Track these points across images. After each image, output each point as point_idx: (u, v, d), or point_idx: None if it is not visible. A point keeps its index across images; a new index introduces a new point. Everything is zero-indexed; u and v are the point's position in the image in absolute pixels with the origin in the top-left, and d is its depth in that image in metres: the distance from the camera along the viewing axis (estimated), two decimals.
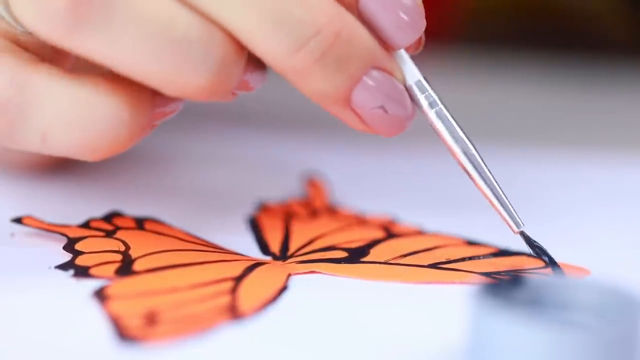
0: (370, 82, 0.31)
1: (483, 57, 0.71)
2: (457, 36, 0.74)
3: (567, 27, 0.76)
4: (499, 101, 0.60)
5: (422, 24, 0.32)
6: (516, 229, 0.33)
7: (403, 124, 0.32)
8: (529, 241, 0.34)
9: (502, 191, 0.33)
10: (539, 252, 0.34)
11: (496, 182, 0.33)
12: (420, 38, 0.33)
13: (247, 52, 0.31)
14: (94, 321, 0.29)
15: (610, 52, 0.72)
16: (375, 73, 0.31)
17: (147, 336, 0.28)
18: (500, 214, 0.33)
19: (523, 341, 0.25)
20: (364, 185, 0.43)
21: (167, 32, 0.29)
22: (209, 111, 0.51)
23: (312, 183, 0.42)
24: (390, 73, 0.32)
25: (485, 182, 0.33)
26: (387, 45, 0.32)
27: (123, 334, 0.28)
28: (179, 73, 0.29)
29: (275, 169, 0.45)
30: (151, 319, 0.29)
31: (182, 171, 0.43)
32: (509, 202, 0.33)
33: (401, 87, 0.32)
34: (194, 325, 0.29)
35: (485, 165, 0.33)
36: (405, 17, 0.31)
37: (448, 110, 0.33)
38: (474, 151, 0.33)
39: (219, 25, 0.30)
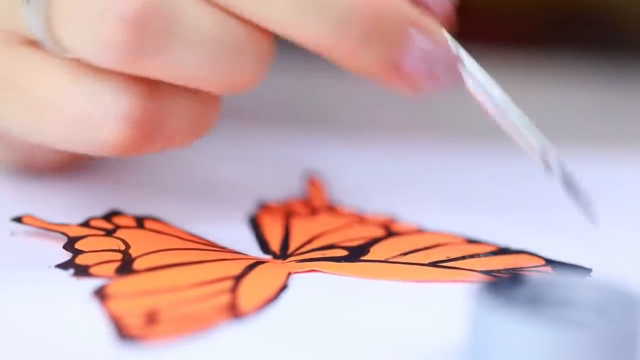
0: (416, 46, 0.32)
1: (509, 57, 0.71)
2: (471, 33, 0.74)
3: (590, 25, 0.76)
4: (512, 98, 0.60)
5: None
6: (543, 158, 0.33)
7: (452, 77, 0.32)
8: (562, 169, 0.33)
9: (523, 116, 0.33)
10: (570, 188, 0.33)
11: (515, 108, 0.34)
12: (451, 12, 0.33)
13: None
14: (94, 320, 0.29)
15: (632, 50, 0.71)
16: (418, 37, 0.32)
17: (147, 335, 0.28)
18: (525, 142, 0.33)
19: (523, 339, 0.25)
20: (363, 183, 0.43)
21: (220, 43, 0.30)
22: None
23: (312, 182, 0.42)
24: (431, 34, 0.32)
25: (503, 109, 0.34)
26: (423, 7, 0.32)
27: (123, 333, 0.28)
28: (233, 76, 0.31)
29: (275, 168, 0.45)
30: (151, 318, 0.29)
31: (182, 170, 0.43)
32: (533, 126, 0.33)
33: (443, 43, 0.32)
34: (194, 324, 0.29)
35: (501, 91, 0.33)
36: None
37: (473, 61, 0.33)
38: (485, 79, 0.33)
39: (259, 24, 0.30)
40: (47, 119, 0.31)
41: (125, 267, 0.32)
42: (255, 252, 0.35)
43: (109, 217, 0.36)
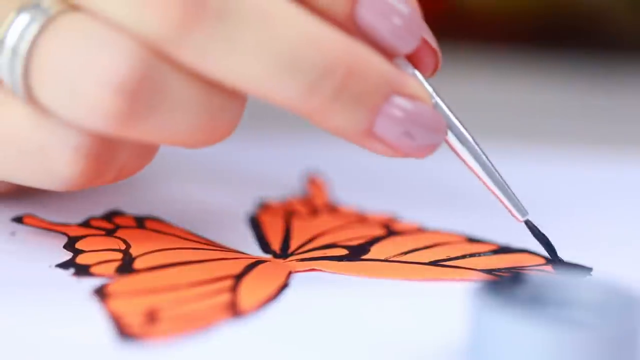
0: (392, 111, 0.31)
1: (494, 57, 0.71)
2: (468, 35, 0.74)
3: (579, 26, 0.77)
4: (506, 100, 0.60)
5: (419, 29, 0.31)
6: (521, 218, 0.33)
7: (433, 145, 0.32)
8: (533, 230, 0.34)
9: (504, 180, 0.33)
10: (543, 242, 0.34)
11: (497, 171, 0.33)
12: (437, 59, 0.32)
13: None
14: (95, 320, 0.29)
15: (620, 51, 0.72)
16: (397, 100, 0.31)
17: (148, 334, 0.28)
18: (503, 203, 0.33)
19: (523, 339, 0.25)
20: (364, 183, 0.43)
21: (200, 107, 0.30)
22: None
23: (313, 181, 0.42)
24: (412, 97, 0.31)
25: (486, 172, 0.33)
26: (389, 56, 0.31)
27: (124, 332, 0.28)
28: (210, 133, 0.31)
29: (275, 167, 0.45)
30: (152, 317, 0.29)
31: (183, 169, 0.43)
32: (511, 190, 0.33)
33: (426, 108, 0.31)
34: (194, 323, 0.29)
35: (486, 155, 0.33)
36: (401, 23, 0.31)
37: (444, 102, 0.32)
38: (472, 141, 0.33)
39: (234, 88, 0.30)
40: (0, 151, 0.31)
41: (126, 266, 0.32)
42: (256, 251, 0.35)
43: (109, 216, 0.36)
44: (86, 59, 0.29)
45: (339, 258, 0.34)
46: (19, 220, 0.35)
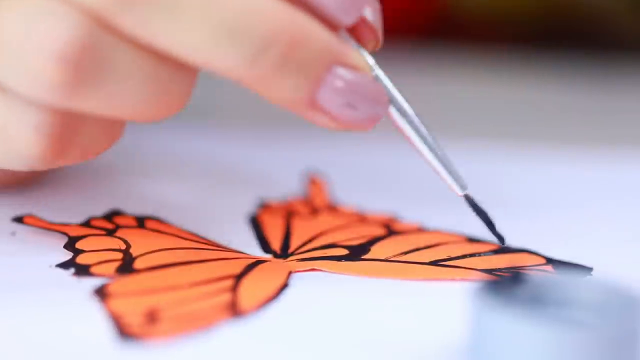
0: (334, 82, 0.31)
1: (495, 58, 0.71)
2: (466, 35, 0.74)
3: (579, 26, 0.77)
4: (506, 100, 0.60)
5: (364, 1, 0.32)
6: (460, 192, 0.33)
7: (374, 117, 0.32)
8: (473, 205, 0.34)
9: (445, 153, 0.33)
10: (483, 217, 0.34)
11: (438, 144, 0.33)
12: (378, 36, 0.32)
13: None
14: (95, 319, 0.29)
15: (620, 51, 0.72)
16: (339, 70, 0.31)
17: (148, 334, 0.28)
18: (443, 177, 0.33)
19: (523, 338, 0.25)
20: (364, 183, 0.43)
21: (147, 79, 0.30)
22: (209, 110, 0.51)
23: (313, 181, 0.42)
24: (354, 67, 0.31)
25: (427, 145, 0.33)
26: (333, 28, 0.31)
27: (124, 332, 0.28)
28: (158, 107, 0.31)
29: (275, 167, 0.45)
30: (152, 317, 0.29)
31: (183, 169, 0.43)
32: (452, 164, 0.33)
33: (368, 79, 0.31)
34: (194, 323, 0.29)
35: (427, 128, 0.33)
36: None
37: (384, 75, 0.32)
38: (412, 114, 0.33)
39: (179, 59, 0.30)
40: None
41: (126, 266, 0.32)
42: (256, 251, 0.35)
43: (109, 216, 0.36)
44: (29, 28, 0.29)
45: (339, 258, 0.34)
46: (19, 220, 0.35)
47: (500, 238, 0.34)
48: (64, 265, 0.32)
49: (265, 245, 0.35)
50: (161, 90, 0.30)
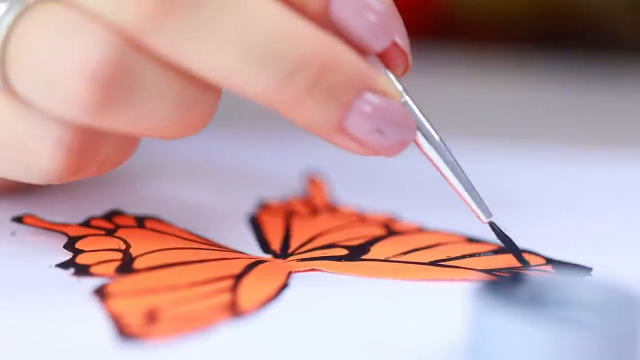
0: (363, 107, 0.31)
1: (494, 58, 0.71)
2: (466, 35, 0.74)
3: (578, 27, 0.77)
4: (506, 101, 0.60)
5: (395, 26, 0.32)
6: (485, 219, 0.33)
7: (402, 143, 0.32)
8: (497, 232, 0.34)
9: (470, 181, 0.33)
10: (507, 243, 0.34)
11: (463, 171, 0.33)
12: (407, 60, 0.32)
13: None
14: (95, 319, 0.29)
15: (620, 51, 0.72)
16: (368, 96, 0.31)
17: (148, 334, 0.28)
18: (468, 203, 0.33)
19: (523, 339, 0.25)
20: (364, 183, 0.43)
21: (175, 98, 0.30)
22: None
23: (313, 181, 0.42)
24: (383, 93, 0.31)
25: (453, 171, 0.33)
26: (363, 52, 0.31)
27: (124, 332, 0.28)
28: (184, 125, 0.31)
29: (275, 167, 0.45)
30: (152, 317, 0.29)
31: (183, 169, 0.43)
32: (476, 191, 0.33)
33: (397, 105, 0.31)
34: (194, 323, 0.29)
35: (452, 155, 0.33)
36: (376, 20, 0.31)
37: (413, 100, 0.32)
38: (439, 140, 0.33)
39: (208, 80, 0.30)
40: None
41: (126, 266, 0.32)
42: (256, 251, 0.35)
43: (109, 216, 0.36)
44: (61, 47, 0.29)
45: (339, 258, 0.34)
46: (19, 220, 0.35)
47: (526, 263, 0.34)
48: (64, 265, 0.32)
49: (265, 246, 0.35)
50: (186, 110, 0.30)
